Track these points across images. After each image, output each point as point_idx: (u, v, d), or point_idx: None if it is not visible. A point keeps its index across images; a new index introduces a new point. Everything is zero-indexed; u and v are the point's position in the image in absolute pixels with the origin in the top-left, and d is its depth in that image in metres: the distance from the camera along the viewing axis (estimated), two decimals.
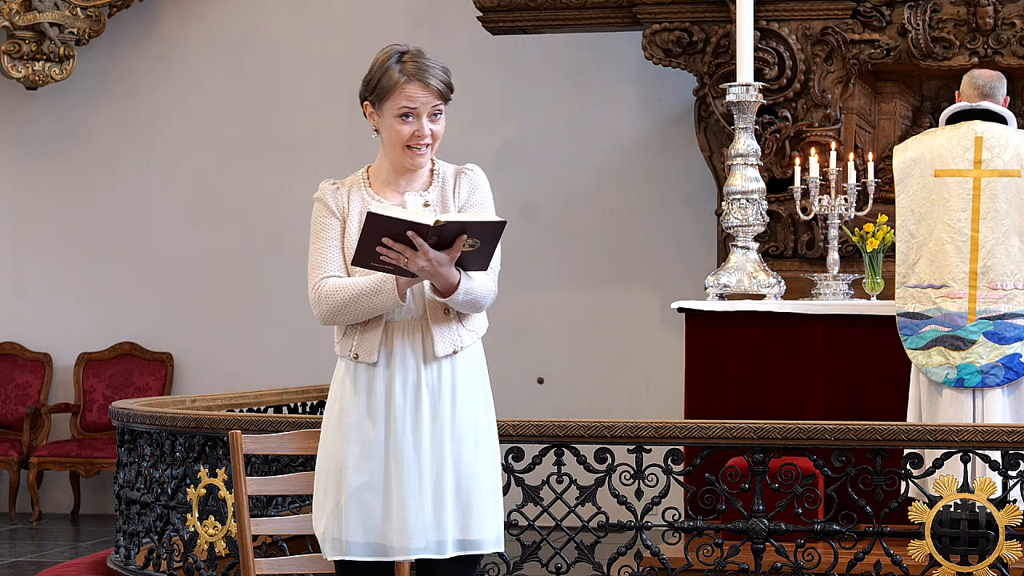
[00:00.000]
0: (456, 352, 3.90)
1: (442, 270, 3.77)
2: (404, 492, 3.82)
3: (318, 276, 3.91)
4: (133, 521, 6.59)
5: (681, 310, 7.34)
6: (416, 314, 3.90)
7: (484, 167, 4.12)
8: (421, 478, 3.83)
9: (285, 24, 10.27)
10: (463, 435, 3.88)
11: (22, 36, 9.98)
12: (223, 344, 10.27)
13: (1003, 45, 8.47)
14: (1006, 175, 6.44)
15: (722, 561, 5.62)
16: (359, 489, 3.84)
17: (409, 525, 3.81)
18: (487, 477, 3.90)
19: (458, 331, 3.91)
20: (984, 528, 5.47)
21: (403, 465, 3.83)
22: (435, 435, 3.85)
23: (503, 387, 9.75)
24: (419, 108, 3.89)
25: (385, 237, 3.71)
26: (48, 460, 9.97)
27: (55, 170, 10.50)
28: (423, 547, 3.82)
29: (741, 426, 5.64)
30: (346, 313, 3.87)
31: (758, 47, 8.42)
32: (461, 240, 3.75)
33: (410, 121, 3.90)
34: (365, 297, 3.84)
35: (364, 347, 3.88)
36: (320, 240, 3.94)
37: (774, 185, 8.53)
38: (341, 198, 3.96)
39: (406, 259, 3.73)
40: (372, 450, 3.85)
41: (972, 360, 6.33)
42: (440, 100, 3.92)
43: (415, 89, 3.88)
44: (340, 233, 3.94)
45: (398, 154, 3.93)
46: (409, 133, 3.90)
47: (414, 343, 3.89)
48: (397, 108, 3.89)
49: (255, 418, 6.34)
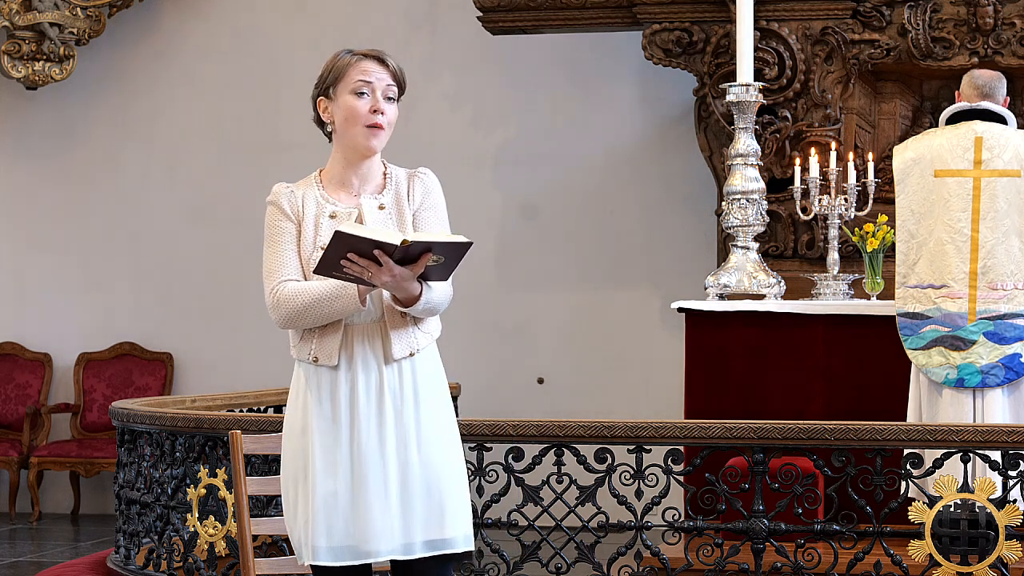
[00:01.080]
0: (413, 354, 3.90)
1: (405, 284, 3.77)
2: (370, 495, 3.81)
3: (276, 280, 3.89)
4: (133, 521, 6.59)
5: (681, 310, 7.34)
6: (375, 316, 3.89)
7: (484, 167, 4.12)
8: (387, 480, 3.82)
9: (285, 24, 10.27)
10: (428, 435, 3.87)
11: (22, 36, 9.98)
12: (223, 344, 10.26)
13: (1003, 45, 8.47)
14: (1006, 175, 6.44)
15: (722, 561, 5.62)
16: (326, 494, 3.83)
17: (376, 528, 3.81)
18: (453, 476, 3.89)
19: (414, 334, 3.91)
20: (984, 528, 5.47)
21: (368, 468, 3.82)
22: (400, 437, 3.85)
23: (503, 387, 9.86)
24: (374, 83, 3.90)
25: (351, 252, 3.70)
26: (48, 460, 9.96)
27: (55, 170, 10.50)
28: (391, 549, 3.82)
29: (741, 426, 5.64)
30: (306, 317, 3.85)
31: (758, 47, 8.42)
32: (426, 257, 3.75)
33: (365, 97, 3.90)
34: (326, 302, 3.83)
35: (324, 350, 3.87)
36: (276, 244, 3.92)
37: (774, 185, 8.53)
38: (296, 201, 3.94)
39: (370, 274, 3.73)
40: (337, 454, 3.84)
41: (972, 360, 6.33)
42: (394, 81, 3.92)
43: (370, 64, 3.91)
44: (296, 236, 3.92)
45: (354, 136, 3.91)
46: (366, 108, 3.89)
47: (374, 345, 3.88)
48: (352, 84, 3.90)
49: (255, 418, 6.34)
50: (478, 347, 9.71)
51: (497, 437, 5.78)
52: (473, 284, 9.12)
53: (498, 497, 5.83)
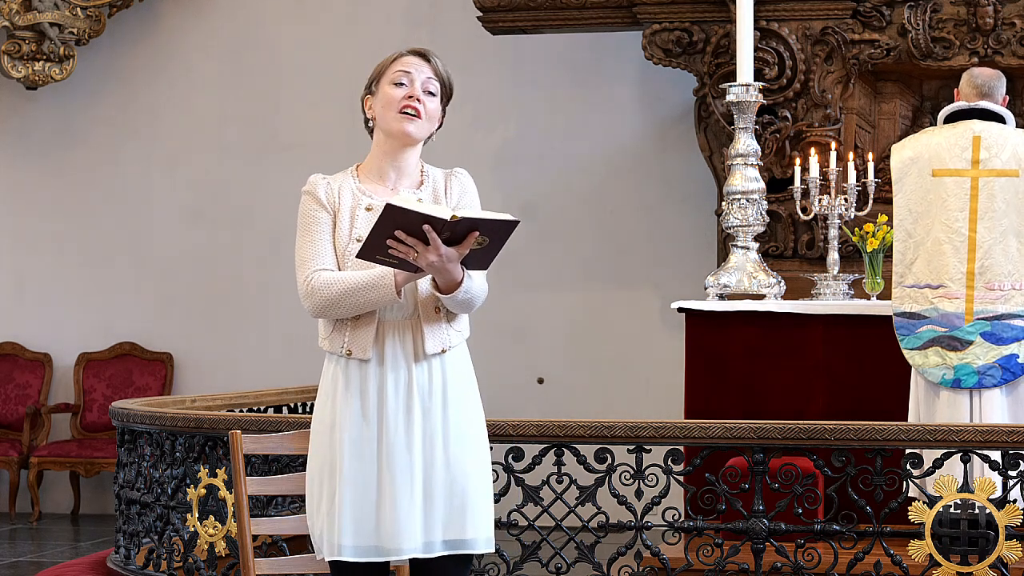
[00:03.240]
0: (445, 351, 3.90)
1: (449, 266, 3.76)
2: (396, 492, 3.81)
3: (310, 268, 3.89)
4: (133, 521, 6.59)
5: (681, 310, 7.34)
6: (408, 312, 3.89)
7: (484, 167, 4.14)
8: (412, 478, 3.82)
9: (285, 24, 10.27)
10: (454, 435, 3.87)
11: (22, 36, 9.98)
12: (223, 344, 10.27)
13: (1003, 45, 8.47)
14: (1004, 175, 6.43)
15: (722, 561, 5.62)
16: (352, 490, 3.83)
17: (400, 525, 3.81)
18: (478, 477, 3.89)
19: (447, 331, 3.91)
20: (984, 528, 5.47)
21: (395, 465, 3.82)
22: (426, 435, 3.85)
23: (503, 387, 9.87)
24: (413, 74, 3.93)
25: (398, 230, 3.69)
26: (48, 460, 9.97)
27: (55, 170, 10.50)
28: (413, 547, 3.82)
29: (741, 426, 5.64)
30: (340, 307, 3.85)
31: (758, 47, 8.42)
32: (472, 237, 3.74)
33: (403, 86, 3.93)
34: (361, 291, 3.82)
35: (357, 343, 3.87)
36: (310, 233, 3.92)
37: (774, 185, 8.53)
38: (332, 192, 3.95)
39: (416, 253, 3.72)
40: (365, 450, 3.85)
41: (969, 361, 6.33)
42: (436, 78, 3.95)
43: (412, 59, 3.95)
44: (331, 227, 3.93)
45: (389, 121, 3.93)
46: (401, 95, 3.91)
47: (404, 342, 3.88)
48: (392, 76, 3.94)
49: (255, 418, 6.34)
50: (478, 347, 9.67)
51: (497, 437, 5.77)
52: None
53: (498, 497, 5.77)
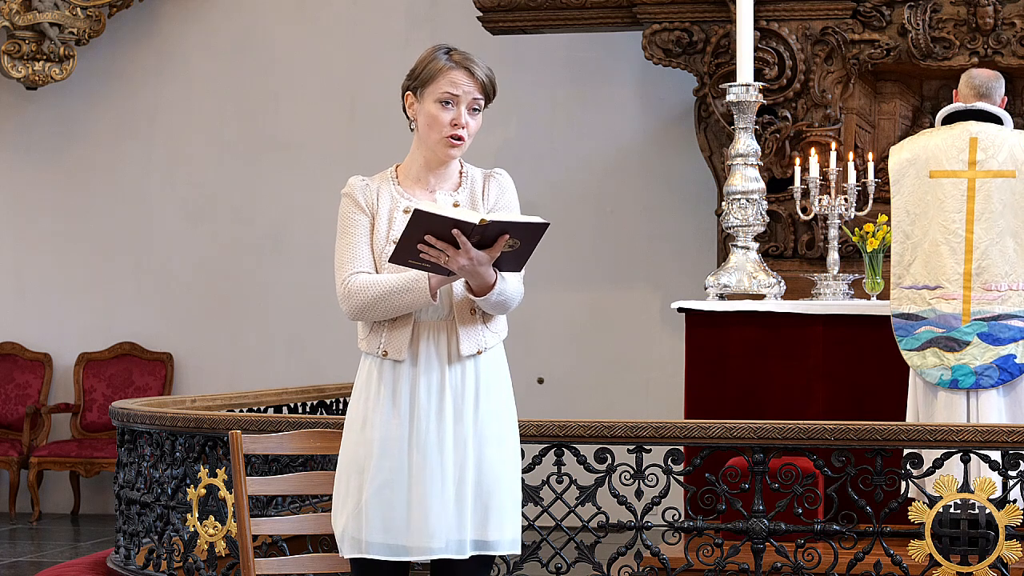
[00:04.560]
0: (480, 353, 3.92)
1: (481, 269, 3.77)
2: (426, 492, 3.82)
3: (347, 271, 3.90)
4: (133, 521, 6.59)
5: (681, 310, 7.34)
6: (443, 314, 3.91)
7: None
8: (444, 478, 3.83)
9: (285, 24, 10.27)
10: (486, 436, 3.88)
11: (22, 36, 9.98)
12: (223, 344, 10.27)
13: (1003, 45, 8.47)
14: (1001, 176, 6.43)
15: (722, 561, 5.62)
16: (380, 488, 3.83)
17: (431, 525, 3.81)
18: (508, 478, 3.90)
19: (483, 332, 3.94)
20: (984, 528, 5.46)
21: (426, 465, 3.83)
22: (458, 435, 3.86)
23: None
24: (460, 96, 3.90)
25: (428, 234, 3.70)
26: (48, 460, 9.97)
27: (55, 170, 10.51)
28: (443, 547, 3.82)
29: (741, 426, 5.64)
30: (376, 309, 3.86)
31: (758, 47, 8.42)
32: (503, 240, 3.74)
33: (450, 108, 3.90)
34: (396, 295, 3.84)
35: (393, 344, 3.88)
36: (349, 236, 3.93)
37: (774, 185, 8.53)
38: (371, 194, 3.95)
39: (447, 257, 3.73)
40: (395, 449, 3.85)
41: (966, 361, 6.33)
42: (482, 94, 3.93)
43: (459, 76, 3.90)
44: (369, 229, 3.93)
45: (433, 143, 3.93)
46: (448, 120, 3.90)
47: (439, 343, 3.89)
48: (439, 92, 3.90)
49: (255, 418, 6.34)
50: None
51: None
52: None
53: None
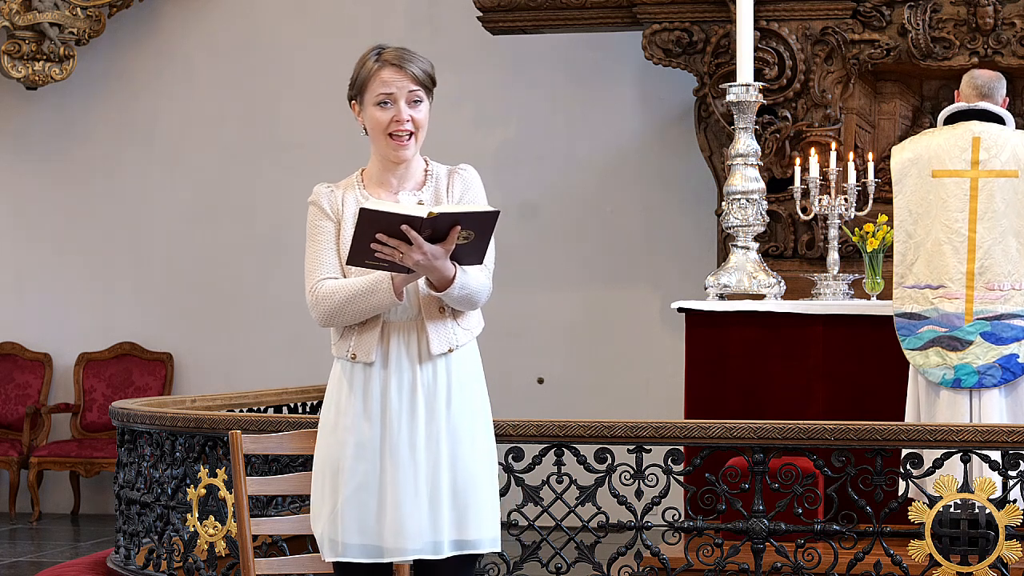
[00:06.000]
0: (451, 351, 3.91)
1: (437, 263, 3.77)
2: (400, 493, 3.82)
3: (315, 279, 3.92)
4: (133, 521, 6.59)
5: (681, 310, 7.34)
6: (412, 314, 3.90)
7: (484, 167, 4.13)
8: (417, 479, 3.83)
9: (285, 24, 10.27)
10: (459, 434, 3.88)
11: (22, 36, 9.98)
12: (223, 344, 10.27)
13: (1003, 45, 8.47)
14: (1003, 175, 6.44)
15: (722, 561, 5.62)
16: (355, 490, 3.84)
17: (405, 526, 3.81)
18: (484, 477, 3.90)
19: (453, 329, 3.92)
20: (984, 528, 5.47)
21: (399, 466, 3.83)
22: (431, 435, 3.85)
23: (503, 387, 9.83)
24: (395, 93, 3.91)
25: (379, 233, 3.71)
26: (48, 460, 9.97)
27: (55, 170, 10.51)
28: (419, 548, 3.82)
29: (741, 426, 5.64)
30: (344, 314, 3.87)
31: (758, 47, 8.42)
32: (455, 232, 3.75)
33: (388, 107, 3.92)
34: (362, 297, 3.84)
35: (362, 347, 3.89)
36: (315, 243, 3.95)
37: (774, 185, 8.53)
38: (336, 200, 3.97)
39: (401, 254, 3.73)
40: (368, 451, 3.85)
41: (969, 361, 6.33)
42: (417, 86, 3.93)
43: (390, 73, 3.91)
44: (335, 235, 3.95)
45: (381, 144, 3.94)
46: (388, 119, 3.91)
47: (409, 343, 3.89)
48: (375, 96, 3.92)
49: (255, 418, 6.34)
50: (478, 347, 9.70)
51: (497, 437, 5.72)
52: None
53: None
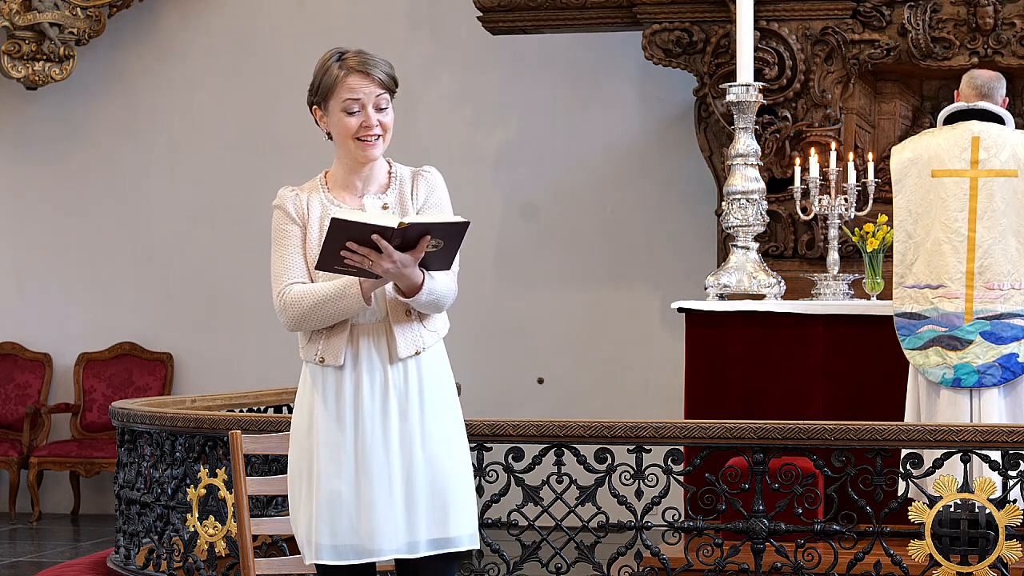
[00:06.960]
0: (418, 353, 3.91)
1: (406, 271, 3.78)
2: (374, 494, 3.83)
3: (282, 284, 3.92)
4: (133, 521, 6.59)
5: (681, 310, 7.34)
6: (379, 316, 3.91)
7: (484, 167, 4.13)
8: (391, 479, 3.84)
9: (285, 24, 10.27)
10: (433, 434, 3.89)
11: (22, 36, 9.98)
12: (223, 344, 10.27)
13: (1003, 45, 8.47)
14: (1003, 175, 6.44)
15: (722, 561, 5.62)
16: (330, 493, 3.85)
17: (380, 526, 3.82)
18: (459, 474, 3.91)
19: (420, 332, 3.92)
20: (984, 528, 5.47)
21: (373, 467, 3.84)
22: (404, 435, 3.86)
23: (503, 387, 9.87)
24: (363, 99, 3.91)
25: (349, 241, 3.72)
26: (48, 460, 9.97)
27: (55, 170, 10.50)
28: (395, 548, 3.83)
29: (741, 426, 5.64)
30: (312, 319, 3.89)
31: (758, 47, 8.42)
32: (425, 241, 3.76)
33: (356, 112, 3.92)
34: (330, 302, 3.86)
35: (330, 351, 3.90)
36: (282, 247, 3.95)
37: (774, 185, 8.53)
38: (301, 204, 3.97)
39: (371, 262, 3.74)
40: (342, 453, 3.86)
41: (969, 360, 6.33)
42: (383, 90, 3.93)
43: (356, 80, 3.91)
44: (301, 239, 3.95)
45: (351, 149, 3.94)
46: (356, 125, 3.91)
47: (378, 346, 3.90)
48: (342, 102, 3.91)
49: (255, 418, 6.35)
50: (478, 347, 9.71)
51: (497, 437, 5.78)
52: (473, 284, 9.12)
53: (498, 497, 5.83)
